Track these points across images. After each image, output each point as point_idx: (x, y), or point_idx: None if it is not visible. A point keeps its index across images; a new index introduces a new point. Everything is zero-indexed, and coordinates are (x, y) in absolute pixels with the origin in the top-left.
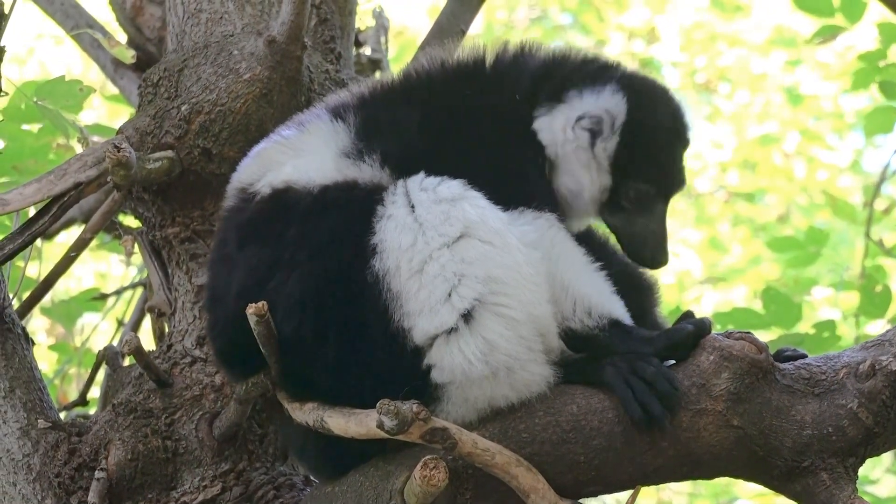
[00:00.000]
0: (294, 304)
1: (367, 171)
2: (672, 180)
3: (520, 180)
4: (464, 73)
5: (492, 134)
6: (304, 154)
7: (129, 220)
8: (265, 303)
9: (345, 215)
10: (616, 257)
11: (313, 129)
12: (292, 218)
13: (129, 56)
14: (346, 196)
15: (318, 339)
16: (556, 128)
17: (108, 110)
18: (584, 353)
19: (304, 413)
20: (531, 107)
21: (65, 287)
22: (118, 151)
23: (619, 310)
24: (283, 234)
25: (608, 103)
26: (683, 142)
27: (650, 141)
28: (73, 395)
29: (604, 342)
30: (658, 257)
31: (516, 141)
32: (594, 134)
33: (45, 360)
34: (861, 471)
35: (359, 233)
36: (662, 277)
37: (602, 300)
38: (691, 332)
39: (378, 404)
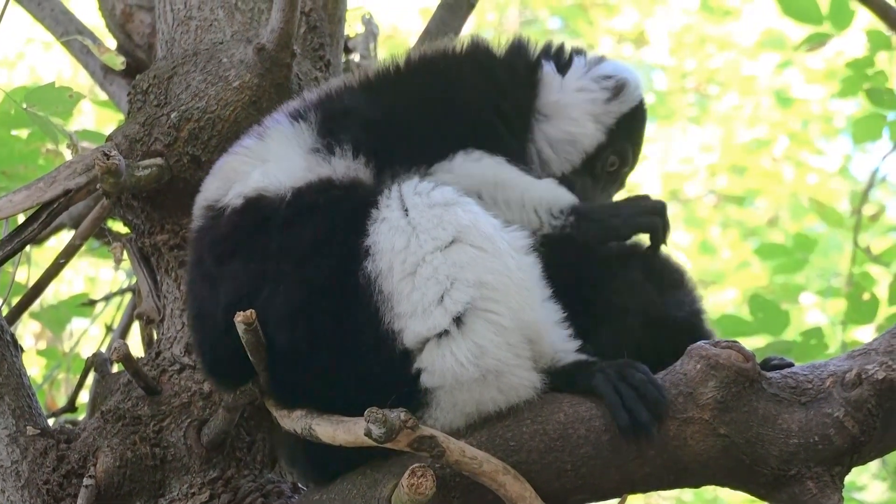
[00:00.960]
0: (286, 315)
1: (341, 167)
2: (631, 169)
3: (486, 132)
4: (430, 59)
5: (461, 99)
6: (269, 160)
7: (119, 226)
8: (253, 311)
9: (326, 219)
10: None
11: (273, 134)
12: (271, 228)
13: (118, 63)
14: (324, 198)
15: (311, 346)
16: (572, 76)
17: (98, 115)
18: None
19: (293, 421)
20: (532, 61)
21: (55, 291)
22: (107, 159)
23: (568, 196)
24: (266, 246)
25: (632, 76)
26: None
27: (638, 124)
28: (61, 400)
29: (577, 232)
30: None
31: (486, 98)
32: (615, 93)
33: (37, 365)
34: (848, 476)
35: (347, 235)
36: None
37: (555, 196)
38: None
39: (366, 412)
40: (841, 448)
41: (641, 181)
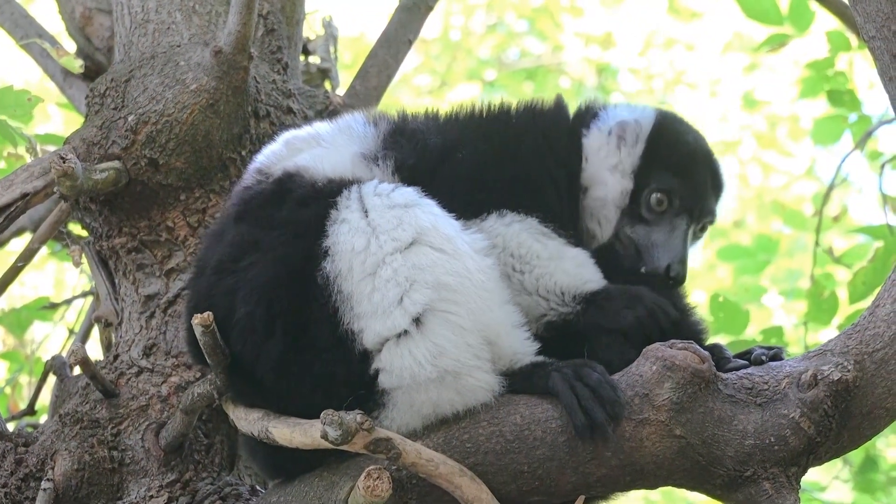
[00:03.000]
0: (254, 289)
1: (378, 175)
2: (693, 199)
3: (534, 195)
4: (504, 110)
5: (522, 159)
6: (325, 147)
7: (78, 229)
8: (210, 314)
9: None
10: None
11: (345, 127)
12: (286, 203)
13: (76, 66)
14: (338, 193)
15: (266, 328)
16: (591, 142)
17: (64, 118)
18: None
19: (249, 423)
20: (576, 130)
21: (20, 294)
22: (63, 162)
23: (593, 282)
24: (274, 217)
25: (638, 115)
26: (707, 171)
27: (671, 154)
28: (24, 403)
29: (581, 319)
30: (676, 269)
31: (545, 165)
32: (621, 139)
33: (3, 366)
34: (811, 477)
35: (314, 233)
36: None
37: (576, 279)
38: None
39: (322, 414)
40: (797, 449)
41: None
